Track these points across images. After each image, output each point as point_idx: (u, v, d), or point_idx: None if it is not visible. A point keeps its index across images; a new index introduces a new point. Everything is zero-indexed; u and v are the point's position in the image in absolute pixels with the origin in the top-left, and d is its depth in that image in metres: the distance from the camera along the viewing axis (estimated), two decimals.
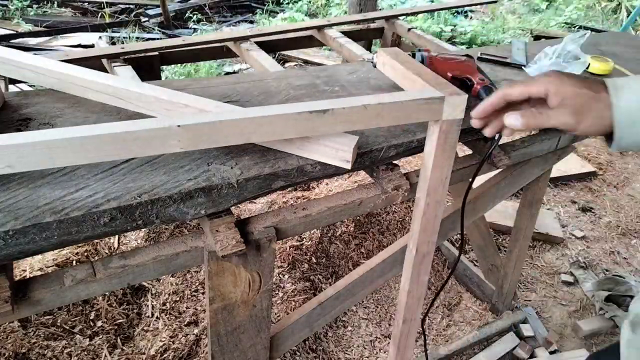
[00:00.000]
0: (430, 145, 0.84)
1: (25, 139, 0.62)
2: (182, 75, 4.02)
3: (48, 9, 6.04)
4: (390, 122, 0.78)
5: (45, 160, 0.63)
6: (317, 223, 0.95)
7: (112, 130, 0.64)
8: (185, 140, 0.68)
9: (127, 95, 0.89)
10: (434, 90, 0.79)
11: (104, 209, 0.69)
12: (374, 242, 2.27)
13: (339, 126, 0.75)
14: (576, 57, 1.23)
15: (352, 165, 0.84)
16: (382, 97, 0.76)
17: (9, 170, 0.63)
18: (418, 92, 0.80)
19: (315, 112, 0.72)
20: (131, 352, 1.66)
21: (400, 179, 0.99)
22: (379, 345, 1.87)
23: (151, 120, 0.67)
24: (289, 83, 1.12)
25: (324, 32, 2.05)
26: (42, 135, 0.62)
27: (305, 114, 0.72)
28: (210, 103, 0.87)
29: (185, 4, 6.27)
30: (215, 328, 0.93)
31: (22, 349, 1.56)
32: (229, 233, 0.80)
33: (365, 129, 0.86)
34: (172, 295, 1.88)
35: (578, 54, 1.24)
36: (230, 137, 0.71)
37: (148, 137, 0.66)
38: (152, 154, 0.68)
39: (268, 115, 0.70)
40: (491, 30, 5.67)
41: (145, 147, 0.66)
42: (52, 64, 0.93)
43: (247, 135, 0.72)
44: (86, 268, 0.76)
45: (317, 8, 6.60)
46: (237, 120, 0.69)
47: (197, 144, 0.69)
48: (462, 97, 0.78)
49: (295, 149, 0.84)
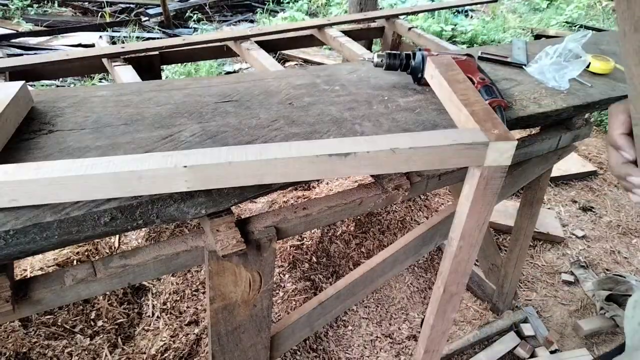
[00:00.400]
0: (469, 189, 0.76)
1: (29, 174, 0.60)
2: (182, 75, 4.02)
3: (48, 9, 6.04)
4: (422, 166, 0.69)
5: (51, 195, 0.61)
6: (317, 222, 0.95)
7: (114, 169, 0.61)
8: (193, 181, 0.64)
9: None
10: (477, 130, 0.70)
11: (104, 209, 0.69)
12: (375, 242, 2.27)
13: (363, 169, 0.67)
14: (577, 56, 1.23)
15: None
16: (415, 139, 0.67)
17: (14, 203, 0.63)
18: (457, 133, 0.70)
19: (336, 155, 0.65)
20: (132, 352, 1.66)
21: (400, 179, 0.99)
22: (379, 344, 1.87)
23: (156, 158, 0.64)
24: (289, 82, 1.12)
25: (324, 32, 2.05)
26: (46, 172, 0.61)
27: (324, 157, 0.65)
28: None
29: (185, 4, 6.27)
30: (215, 327, 0.93)
31: (22, 349, 1.56)
32: (229, 233, 0.80)
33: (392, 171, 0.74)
34: (173, 294, 1.88)
35: (579, 53, 1.23)
36: (242, 178, 0.66)
37: (153, 176, 0.62)
38: (157, 192, 0.64)
39: (283, 158, 0.64)
40: (492, 30, 5.67)
41: (149, 187, 0.63)
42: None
43: (260, 177, 0.67)
44: (87, 267, 0.76)
45: (318, 7, 6.60)
46: (249, 162, 0.64)
47: (206, 184, 0.65)
48: (511, 144, 0.69)
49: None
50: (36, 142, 0.81)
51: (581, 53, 1.24)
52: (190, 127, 0.90)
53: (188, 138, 0.87)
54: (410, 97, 1.08)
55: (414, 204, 2.50)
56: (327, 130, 0.94)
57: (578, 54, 1.23)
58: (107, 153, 0.80)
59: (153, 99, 1.00)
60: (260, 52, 1.73)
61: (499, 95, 1.08)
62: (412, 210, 2.47)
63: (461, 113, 0.75)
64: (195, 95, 1.03)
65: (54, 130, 0.85)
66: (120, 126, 0.89)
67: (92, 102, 0.96)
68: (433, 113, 1.03)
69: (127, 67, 1.57)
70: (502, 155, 0.70)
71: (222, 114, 0.96)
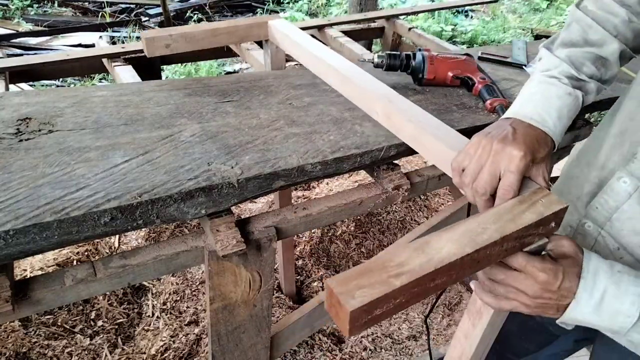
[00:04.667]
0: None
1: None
2: (182, 75, 4.02)
3: (48, 9, 6.04)
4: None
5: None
6: (317, 222, 0.95)
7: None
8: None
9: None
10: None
11: (104, 209, 0.69)
12: (375, 242, 2.27)
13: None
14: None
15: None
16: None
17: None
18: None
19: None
20: (132, 352, 1.66)
21: (401, 179, 0.99)
22: (379, 344, 1.87)
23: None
24: (289, 82, 1.12)
25: (324, 32, 2.05)
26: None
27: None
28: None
29: (185, 4, 6.27)
30: (215, 328, 0.93)
31: (22, 349, 1.56)
32: (229, 233, 0.80)
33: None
34: (173, 294, 1.88)
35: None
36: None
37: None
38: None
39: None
40: (492, 30, 5.67)
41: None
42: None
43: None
44: (87, 268, 0.76)
45: (318, 7, 6.59)
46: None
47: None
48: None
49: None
50: (36, 142, 0.81)
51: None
52: (190, 127, 0.90)
53: (188, 138, 0.87)
54: (410, 97, 1.08)
55: (414, 204, 2.50)
56: (327, 130, 0.94)
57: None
58: (107, 153, 0.80)
59: (153, 99, 1.00)
60: (261, 52, 1.73)
61: (501, 95, 1.08)
62: (412, 210, 2.47)
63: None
64: (195, 95, 1.03)
65: (54, 130, 0.85)
66: (120, 126, 0.89)
67: (92, 102, 0.96)
68: (433, 113, 1.02)
69: (127, 67, 1.57)
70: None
71: (222, 114, 0.96)
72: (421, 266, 0.53)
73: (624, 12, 0.74)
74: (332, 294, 0.50)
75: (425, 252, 0.56)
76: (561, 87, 0.73)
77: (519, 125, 0.69)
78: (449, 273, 0.56)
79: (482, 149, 0.66)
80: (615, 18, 0.75)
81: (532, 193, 0.65)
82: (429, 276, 0.53)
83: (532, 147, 0.66)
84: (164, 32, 1.08)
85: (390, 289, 0.50)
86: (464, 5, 3.79)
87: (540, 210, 0.62)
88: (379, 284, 0.51)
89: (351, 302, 0.49)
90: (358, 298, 0.49)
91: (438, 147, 0.80)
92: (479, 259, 0.58)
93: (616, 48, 0.76)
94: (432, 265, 0.54)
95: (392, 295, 0.51)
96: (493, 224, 0.60)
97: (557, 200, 0.64)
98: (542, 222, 0.62)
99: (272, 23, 1.19)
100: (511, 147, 0.64)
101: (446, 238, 0.58)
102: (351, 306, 0.48)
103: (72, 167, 0.76)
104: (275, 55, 1.26)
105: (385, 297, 0.50)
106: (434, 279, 0.54)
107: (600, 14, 0.75)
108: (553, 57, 0.76)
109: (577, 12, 0.77)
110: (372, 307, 0.50)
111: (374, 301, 0.49)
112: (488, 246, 0.57)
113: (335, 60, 1.06)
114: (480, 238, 0.58)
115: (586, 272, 0.61)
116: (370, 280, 0.51)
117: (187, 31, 1.11)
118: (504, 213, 0.62)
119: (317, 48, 1.10)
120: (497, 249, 0.59)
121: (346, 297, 0.49)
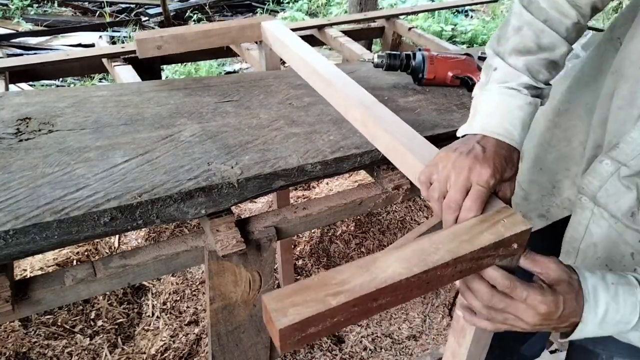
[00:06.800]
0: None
1: None
2: (182, 75, 4.02)
3: (48, 9, 6.03)
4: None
5: None
6: (317, 222, 0.95)
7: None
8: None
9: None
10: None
11: (104, 209, 0.69)
12: (375, 242, 2.27)
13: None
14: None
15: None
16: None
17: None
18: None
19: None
20: (132, 352, 1.66)
21: (400, 179, 0.99)
22: (379, 344, 1.87)
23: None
24: (289, 82, 1.12)
25: (324, 32, 2.05)
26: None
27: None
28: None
29: (185, 3, 6.27)
30: (215, 328, 0.93)
31: (22, 349, 1.56)
32: (229, 233, 0.80)
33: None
34: (173, 294, 1.88)
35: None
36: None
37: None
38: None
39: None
40: (492, 30, 5.67)
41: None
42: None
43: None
44: (87, 268, 0.76)
45: (318, 7, 6.59)
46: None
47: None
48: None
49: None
50: (36, 142, 0.81)
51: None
52: (190, 127, 0.90)
53: (188, 138, 0.87)
54: (410, 97, 1.08)
55: (414, 204, 2.50)
56: (327, 130, 0.94)
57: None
58: (107, 153, 0.80)
59: (153, 99, 1.00)
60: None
61: None
62: (412, 210, 2.47)
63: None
64: (195, 95, 1.03)
65: (54, 130, 0.85)
66: (120, 126, 0.89)
67: (92, 102, 0.96)
68: (433, 113, 1.03)
69: (127, 67, 1.57)
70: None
71: (222, 114, 0.96)
72: (362, 286, 0.51)
73: (574, 13, 0.75)
74: (266, 311, 0.49)
75: (370, 270, 0.53)
76: (522, 97, 0.73)
77: (487, 143, 0.69)
78: (394, 293, 0.53)
79: (451, 164, 0.66)
80: (567, 20, 0.75)
81: (495, 212, 0.62)
82: (369, 296, 0.51)
83: (501, 167, 0.66)
84: (155, 34, 1.08)
85: (325, 307, 0.49)
86: (464, 5, 3.79)
87: (501, 231, 0.59)
88: (314, 302, 0.49)
89: (282, 320, 0.47)
90: (290, 316, 0.47)
91: (410, 160, 0.78)
92: (429, 280, 0.55)
93: (565, 51, 0.77)
94: (374, 286, 0.51)
95: (328, 315, 0.49)
96: (447, 244, 0.57)
97: (521, 220, 0.61)
98: (501, 244, 0.59)
99: (265, 25, 1.17)
100: (480, 165, 0.64)
101: (395, 257, 0.55)
102: (281, 324, 0.47)
103: (72, 167, 0.76)
104: (270, 57, 1.26)
105: (320, 316, 0.49)
106: (376, 299, 0.52)
107: (552, 14, 0.75)
108: (509, 67, 0.76)
109: (526, 14, 0.76)
110: (304, 325, 0.48)
111: (306, 320, 0.48)
112: (438, 267, 0.55)
113: (319, 64, 1.02)
114: (431, 259, 0.55)
115: (587, 294, 0.62)
116: (305, 298, 0.49)
117: (178, 32, 1.10)
118: (461, 233, 0.59)
119: (304, 51, 1.07)
120: (449, 270, 0.56)
121: (277, 315, 0.47)
